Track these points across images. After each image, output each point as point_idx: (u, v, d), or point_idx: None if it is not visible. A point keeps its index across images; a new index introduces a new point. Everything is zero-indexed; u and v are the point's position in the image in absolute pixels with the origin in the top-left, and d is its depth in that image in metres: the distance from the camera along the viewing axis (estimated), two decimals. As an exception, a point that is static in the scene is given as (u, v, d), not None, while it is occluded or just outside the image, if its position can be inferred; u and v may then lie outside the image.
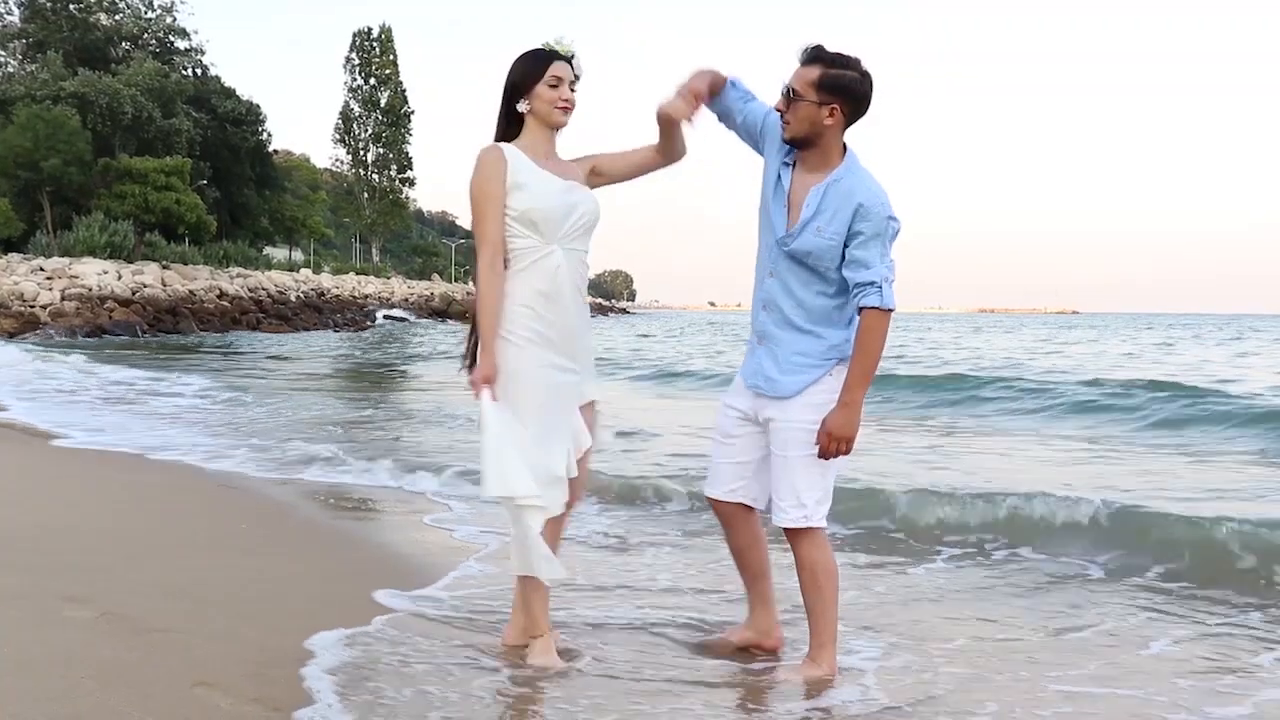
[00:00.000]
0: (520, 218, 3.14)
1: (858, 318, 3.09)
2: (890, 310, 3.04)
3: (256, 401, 12.00)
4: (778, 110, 3.12)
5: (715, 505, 3.40)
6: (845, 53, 3.07)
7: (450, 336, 34.17)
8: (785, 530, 3.25)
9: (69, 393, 12.57)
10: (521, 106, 3.21)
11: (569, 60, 3.20)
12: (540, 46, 3.22)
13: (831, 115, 3.05)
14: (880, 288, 3.02)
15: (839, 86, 3.03)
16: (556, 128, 3.24)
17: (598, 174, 3.34)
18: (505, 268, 3.17)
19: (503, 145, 3.22)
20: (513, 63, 3.24)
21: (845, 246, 3.06)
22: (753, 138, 3.29)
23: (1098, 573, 4.73)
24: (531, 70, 3.19)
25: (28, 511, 5.45)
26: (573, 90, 3.21)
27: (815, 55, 3.06)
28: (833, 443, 3.08)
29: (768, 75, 3.22)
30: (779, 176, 3.17)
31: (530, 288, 3.14)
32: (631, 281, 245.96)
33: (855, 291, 3.07)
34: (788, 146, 3.16)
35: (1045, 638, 3.83)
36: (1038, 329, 55.08)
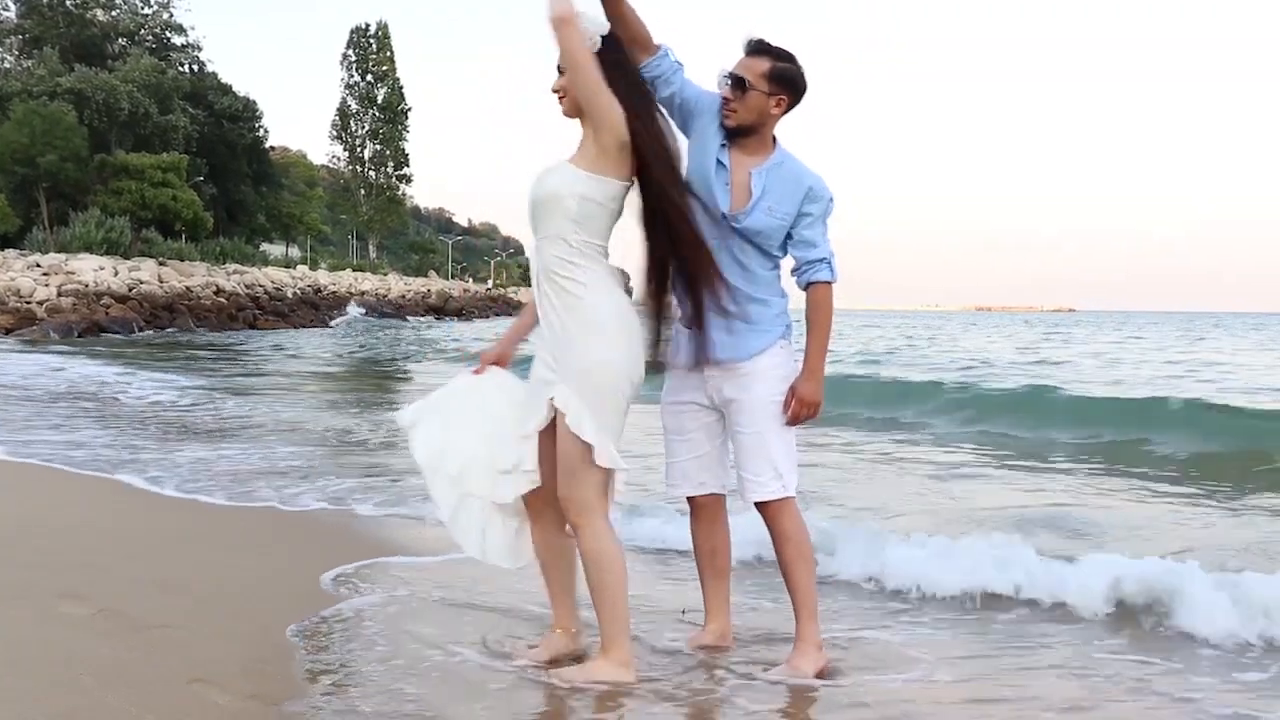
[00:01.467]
0: None
1: (799, 290, 3.32)
2: (835, 282, 3.29)
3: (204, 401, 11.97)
4: (725, 99, 3.22)
5: (692, 503, 3.43)
6: (784, 47, 3.26)
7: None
8: (762, 506, 3.30)
9: (20, 389, 12.56)
10: None
11: None
12: None
13: (778, 105, 3.22)
14: (828, 263, 3.27)
15: (787, 78, 3.20)
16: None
17: (586, 127, 3.03)
18: None
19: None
20: None
21: (792, 227, 3.25)
22: (684, 113, 3.31)
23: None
24: None
25: None
26: (561, 74, 3.02)
27: (762, 47, 3.21)
28: (803, 408, 3.25)
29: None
30: (719, 158, 3.26)
31: None
32: (628, 280, 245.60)
33: (804, 268, 3.28)
34: (719, 125, 3.26)
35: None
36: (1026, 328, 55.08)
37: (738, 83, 3.18)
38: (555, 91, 3.07)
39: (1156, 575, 4.04)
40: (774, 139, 3.30)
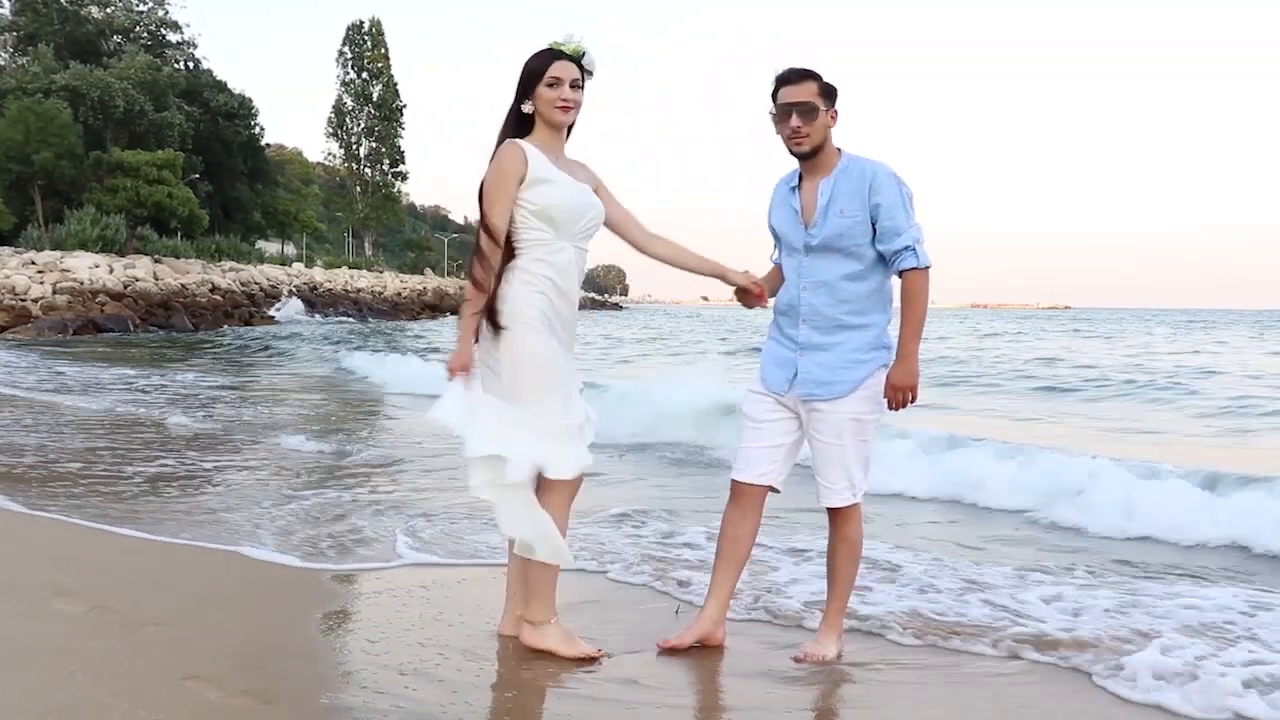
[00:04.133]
0: (539, 212, 3.21)
1: (899, 283, 3.36)
2: (928, 267, 3.29)
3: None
4: (794, 128, 3.31)
5: (741, 489, 3.46)
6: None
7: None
8: (831, 510, 3.43)
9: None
10: (525, 107, 3.27)
11: (576, 59, 3.25)
12: (546, 46, 3.27)
13: (833, 118, 3.37)
14: (914, 250, 3.28)
15: (834, 92, 3.37)
16: (557, 127, 3.28)
17: (589, 173, 3.43)
18: (512, 258, 3.24)
19: (521, 142, 3.26)
20: (524, 62, 3.29)
21: (873, 223, 3.29)
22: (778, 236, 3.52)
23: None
24: (534, 70, 3.25)
25: None
26: (576, 89, 3.25)
27: (804, 73, 3.35)
28: (898, 393, 3.30)
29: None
30: (792, 205, 3.41)
31: (544, 278, 3.22)
32: (625, 276, 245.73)
33: (892, 258, 3.30)
34: (788, 181, 3.44)
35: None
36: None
37: (807, 109, 3.29)
38: (565, 101, 3.25)
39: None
40: (838, 150, 3.39)
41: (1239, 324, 61.49)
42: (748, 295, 3.51)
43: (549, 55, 3.25)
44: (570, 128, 3.35)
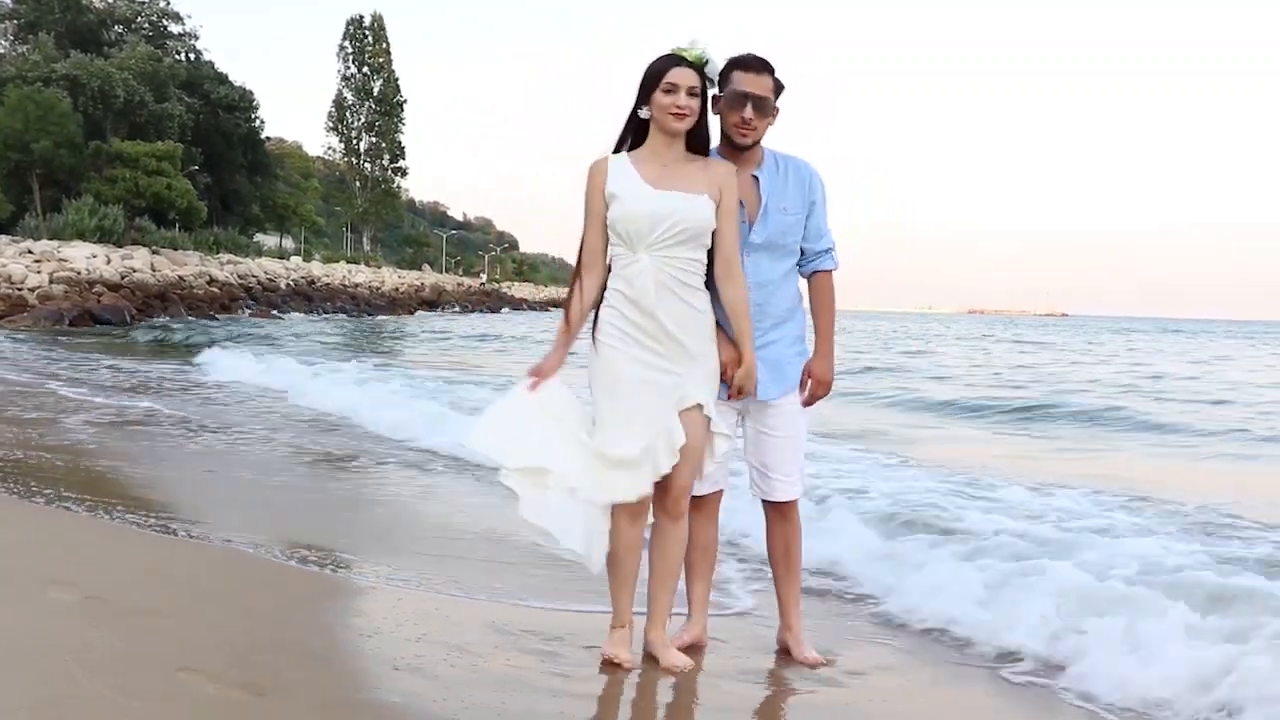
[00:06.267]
0: (612, 225, 3.21)
1: (806, 281, 3.43)
2: (838, 269, 3.44)
3: None
4: (745, 118, 3.23)
5: (700, 501, 3.43)
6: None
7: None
8: (782, 505, 3.43)
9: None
10: (642, 113, 3.22)
11: (697, 66, 3.18)
12: (669, 51, 3.21)
13: (775, 115, 3.33)
14: (831, 253, 3.42)
15: (783, 89, 3.33)
16: (671, 134, 3.20)
17: (709, 173, 3.25)
18: (609, 273, 3.27)
19: (611, 156, 3.25)
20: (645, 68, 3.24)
21: (806, 221, 3.35)
22: None
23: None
24: (651, 75, 3.19)
25: None
26: (693, 96, 3.15)
27: (764, 64, 3.29)
28: (819, 387, 3.41)
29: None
30: None
31: (617, 292, 3.21)
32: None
33: (812, 258, 3.38)
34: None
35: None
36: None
37: (763, 103, 3.25)
38: (680, 109, 3.16)
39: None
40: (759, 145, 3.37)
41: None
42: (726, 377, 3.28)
43: (668, 60, 3.18)
44: (706, 137, 3.25)
